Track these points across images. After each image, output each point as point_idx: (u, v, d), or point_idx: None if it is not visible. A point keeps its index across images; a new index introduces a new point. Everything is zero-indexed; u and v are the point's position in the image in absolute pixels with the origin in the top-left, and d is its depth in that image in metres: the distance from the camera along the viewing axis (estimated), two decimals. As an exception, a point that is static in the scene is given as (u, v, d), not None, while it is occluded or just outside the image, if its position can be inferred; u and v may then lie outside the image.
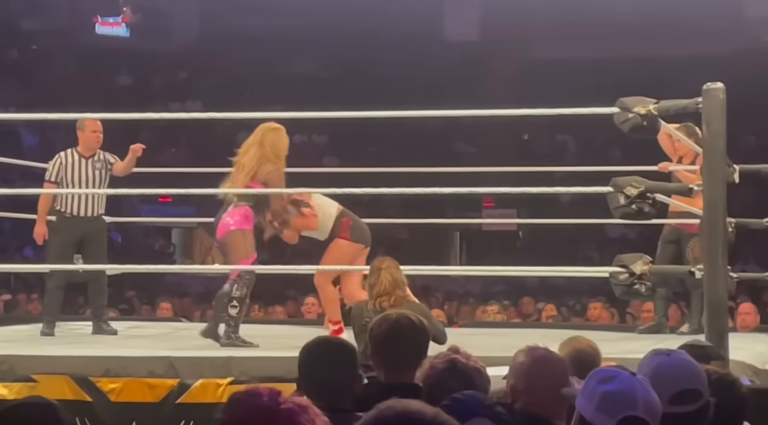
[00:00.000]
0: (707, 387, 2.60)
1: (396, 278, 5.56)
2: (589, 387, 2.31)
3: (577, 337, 4.24)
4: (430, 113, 8.18)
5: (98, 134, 7.07)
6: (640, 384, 2.30)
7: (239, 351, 5.74)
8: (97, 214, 7.08)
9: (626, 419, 2.23)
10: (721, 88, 5.09)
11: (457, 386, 2.84)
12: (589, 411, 2.26)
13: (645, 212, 5.39)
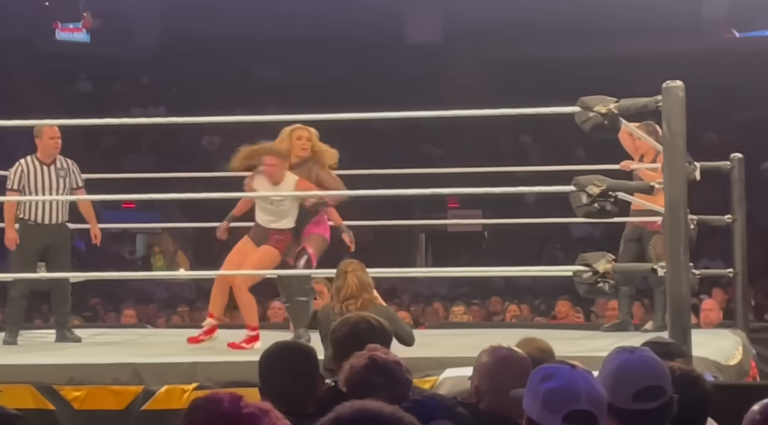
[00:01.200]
0: (671, 384, 2.62)
1: (362, 281, 5.56)
2: (533, 386, 2.31)
3: (527, 340, 4.20)
4: (393, 114, 8.19)
5: (56, 141, 7.02)
6: (582, 377, 2.30)
7: (204, 357, 5.71)
8: (60, 221, 7.03)
9: (571, 413, 2.24)
10: (681, 87, 5.13)
11: (380, 381, 2.83)
12: (535, 411, 2.27)
13: (607, 211, 5.42)
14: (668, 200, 5.17)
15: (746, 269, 7.68)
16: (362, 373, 2.89)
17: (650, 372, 2.59)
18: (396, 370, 2.86)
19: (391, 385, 2.82)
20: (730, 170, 7.62)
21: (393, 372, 2.86)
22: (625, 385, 2.54)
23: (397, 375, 2.86)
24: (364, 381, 2.86)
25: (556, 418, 2.23)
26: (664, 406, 2.57)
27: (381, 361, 2.91)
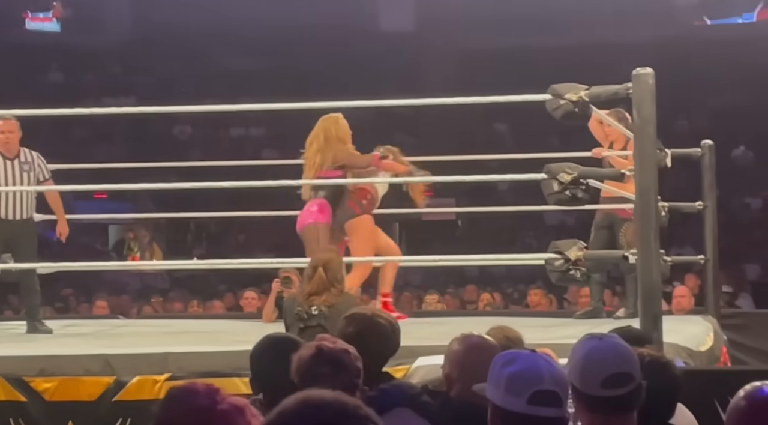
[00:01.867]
0: (639, 370, 2.62)
1: (332, 277, 5.48)
2: (495, 373, 2.31)
3: (495, 328, 4.20)
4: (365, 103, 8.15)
5: (6, 135, 6.85)
6: (543, 359, 2.31)
7: (177, 347, 5.68)
8: (26, 216, 6.88)
9: (536, 394, 2.24)
10: (651, 74, 5.13)
11: (327, 369, 2.84)
12: (499, 397, 2.27)
13: (578, 198, 5.43)
14: (639, 187, 5.18)
15: (717, 255, 7.72)
16: (309, 363, 2.89)
17: (618, 358, 2.60)
18: (343, 358, 2.86)
19: (338, 373, 2.83)
20: (700, 157, 7.65)
21: (340, 361, 2.86)
22: (594, 372, 2.54)
23: (344, 363, 2.85)
24: (312, 371, 2.87)
25: (521, 401, 2.23)
26: (633, 393, 2.58)
27: (327, 350, 2.90)
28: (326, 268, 5.50)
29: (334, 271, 5.52)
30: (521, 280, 13.28)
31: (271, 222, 15.74)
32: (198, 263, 10.01)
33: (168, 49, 19.69)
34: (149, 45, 19.97)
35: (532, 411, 2.23)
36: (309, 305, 5.33)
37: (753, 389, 2.38)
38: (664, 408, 2.99)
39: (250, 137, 19.68)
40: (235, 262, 9.50)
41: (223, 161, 8.97)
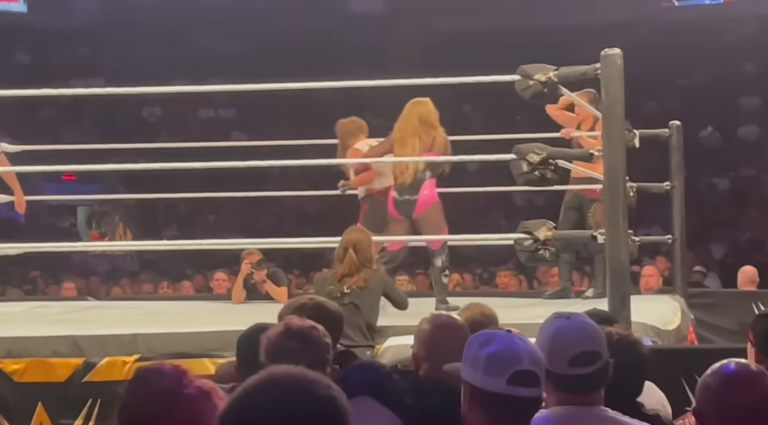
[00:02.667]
0: (606, 349, 2.64)
1: (363, 257, 5.76)
2: (471, 353, 2.30)
3: (470, 306, 4.26)
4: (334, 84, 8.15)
5: None
6: (519, 338, 2.32)
7: (146, 328, 5.67)
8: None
9: (516, 374, 2.25)
10: (619, 54, 5.15)
11: (295, 345, 2.87)
12: (477, 378, 2.27)
13: (547, 179, 5.46)
14: (607, 167, 5.21)
15: (684, 235, 7.77)
16: (277, 340, 2.92)
17: (586, 337, 2.61)
18: (312, 334, 2.89)
19: (307, 349, 2.85)
20: (668, 138, 7.69)
21: (308, 337, 2.88)
22: (561, 351, 2.56)
23: (313, 339, 2.88)
24: (281, 347, 2.89)
25: (501, 381, 2.24)
26: (600, 371, 2.60)
27: (296, 327, 2.93)
28: (356, 249, 5.76)
29: (364, 251, 5.78)
30: (491, 261, 13.33)
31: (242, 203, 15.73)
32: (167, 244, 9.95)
33: (137, 30, 19.54)
34: (118, 26, 19.81)
35: (511, 391, 2.24)
36: (342, 285, 5.61)
37: (720, 366, 2.41)
38: (632, 385, 3.02)
39: (220, 119, 19.60)
40: (204, 243, 9.48)
41: (193, 143, 8.94)
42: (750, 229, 16.66)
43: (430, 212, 6.74)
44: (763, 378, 2.38)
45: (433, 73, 6.31)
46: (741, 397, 2.34)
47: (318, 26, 19.43)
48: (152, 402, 1.95)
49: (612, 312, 4.94)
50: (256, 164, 6.77)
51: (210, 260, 12.29)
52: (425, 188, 6.75)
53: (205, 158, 7.02)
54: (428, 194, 6.75)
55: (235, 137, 16.37)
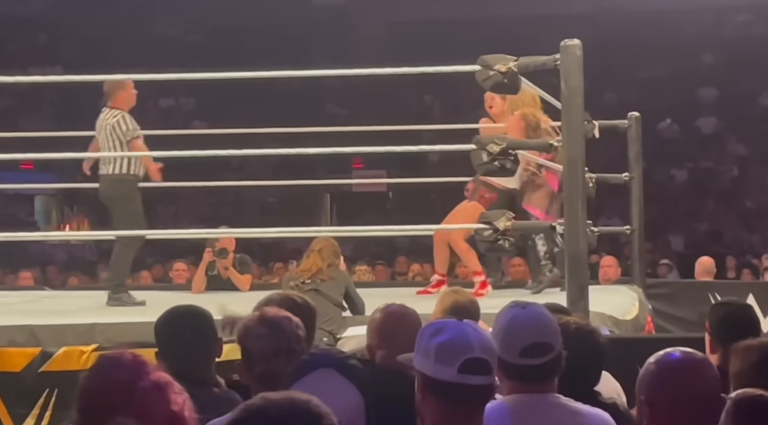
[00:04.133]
0: (560, 341, 2.64)
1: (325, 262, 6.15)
2: (423, 343, 2.31)
3: (458, 289, 4.31)
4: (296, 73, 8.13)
5: None
6: (470, 327, 2.32)
7: (103, 318, 5.64)
8: None
9: (466, 362, 2.25)
10: (578, 45, 5.17)
11: (264, 331, 2.90)
12: (429, 367, 2.27)
13: (507, 169, 5.48)
14: (566, 158, 5.22)
15: (642, 226, 7.83)
16: (249, 325, 2.94)
17: (539, 328, 2.61)
18: (282, 323, 2.91)
19: (275, 335, 2.87)
20: (627, 129, 7.74)
21: (278, 324, 2.90)
22: (514, 340, 2.56)
23: (282, 327, 2.90)
24: (251, 332, 2.91)
25: (452, 370, 2.24)
26: (551, 362, 2.60)
27: (270, 315, 2.95)
28: (322, 252, 6.19)
29: (330, 255, 6.20)
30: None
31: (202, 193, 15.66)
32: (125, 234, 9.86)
33: (96, 16, 19.38)
34: (76, 13, 19.64)
35: (462, 379, 2.24)
36: (304, 277, 6.05)
37: (664, 354, 2.42)
38: (590, 375, 3.04)
39: (180, 108, 19.49)
40: (163, 233, 9.42)
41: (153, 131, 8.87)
42: (708, 220, 16.81)
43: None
44: (706, 367, 2.39)
45: (394, 64, 6.30)
46: (685, 385, 2.35)
47: (280, 16, 19.36)
48: (107, 392, 1.96)
49: (570, 302, 4.97)
50: (217, 153, 6.74)
51: (170, 250, 12.24)
52: None
53: (165, 147, 6.98)
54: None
55: (196, 125, 16.29)
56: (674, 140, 18.24)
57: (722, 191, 17.61)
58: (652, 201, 12.46)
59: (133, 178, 6.80)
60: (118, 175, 6.77)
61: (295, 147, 7.38)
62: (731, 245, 15.55)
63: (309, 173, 13.69)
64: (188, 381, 2.83)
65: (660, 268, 11.96)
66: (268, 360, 2.84)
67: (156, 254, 13.00)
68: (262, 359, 2.85)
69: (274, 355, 2.84)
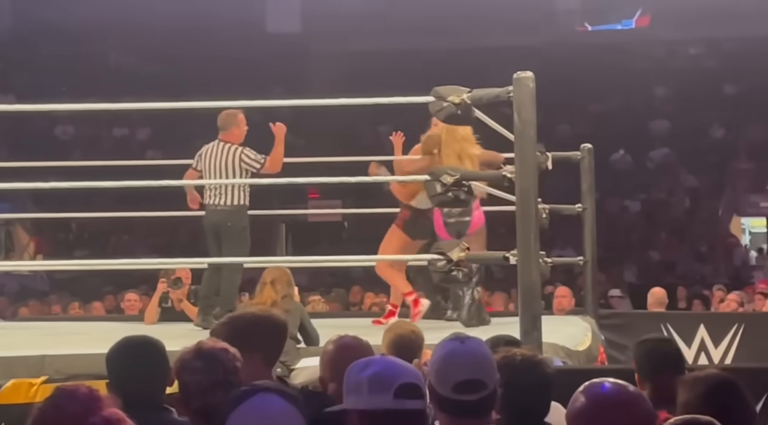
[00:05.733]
0: (495, 378, 2.62)
1: (280, 293, 6.06)
2: (352, 380, 2.31)
3: (399, 322, 4.32)
4: (251, 103, 8.14)
5: None
6: (394, 359, 2.33)
7: (54, 350, 5.57)
8: None
9: (401, 386, 2.26)
10: (531, 77, 5.21)
11: (200, 364, 2.87)
12: (363, 401, 2.27)
13: (461, 200, 5.50)
14: (519, 189, 5.25)
15: (595, 257, 7.88)
16: (185, 358, 2.92)
17: (474, 364, 2.58)
18: (219, 355, 2.89)
19: (211, 368, 2.84)
20: (580, 160, 7.80)
21: (214, 356, 2.88)
22: (448, 375, 2.55)
23: (219, 359, 2.88)
24: (187, 365, 2.89)
25: (387, 396, 2.24)
26: (484, 400, 2.58)
27: (206, 348, 2.93)
28: (275, 283, 6.09)
29: (283, 286, 6.09)
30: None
31: (156, 223, 15.55)
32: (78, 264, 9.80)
33: (49, 46, 19.28)
34: (29, 42, 19.52)
35: (399, 404, 2.24)
36: None
37: (592, 385, 2.39)
38: (538, 405, 3.04)
39: (135, 138, 19.40)
40: (116, 263, 9.35)
41: (106, 161, 8.83)
42: (660, 251, 16.96)
43: (480, 232, 7.02)
44: (638, 403, 2.36)
45: (350, 94, 6.33)
46: (611, 420, 2.32)
47: (236, 46, 19.36)
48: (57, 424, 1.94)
49: (523, 333, 4.98)
50: (171, 184, 6.71)
51: (123, 281, 12.14)
52: (477, 208, 7.01)
53: (120, 177, 6.94)
54: (478, 215, 7.04)
55: (151, 155, 16.20)
56: (627, 172, 18.41)
57: (674, 222, 17.79)
58: (605, 232, 12.56)
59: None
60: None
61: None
62: (683, 275, 15.70)
63: (264, 203, 13.65)
64: (141, 410, 2.82)
65: (612, 300, 12.05)
66: (205, 393, 2.82)
67: (109, 285, 12.89)
68: (198, 393, 2.83)
69: (210, 389, 2.82)
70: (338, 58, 20.00)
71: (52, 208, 11.60)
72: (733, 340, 7.96)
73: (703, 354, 7.95)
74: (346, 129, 18.05)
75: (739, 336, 7.93)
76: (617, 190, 17.59)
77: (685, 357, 7.80)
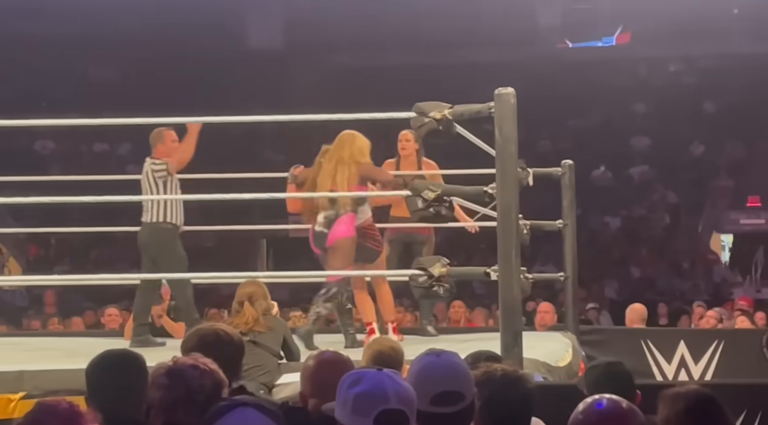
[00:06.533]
0: (472, 390, 2.63)
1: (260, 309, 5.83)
2: (342, 393, 2.31)
3: (379, 339, 4.33)
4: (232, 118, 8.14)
5: None
6: (389, 377, 2.32)
7: (33, 365, 5.54)
8: None
9: (382, 413, 2.25)
10: (512, 93, 5.22)
11: (167, 381, 2.87)
12: (346, 417, 2.27)
13: (442, 215, 5.50)
14: (500, 205, 5.26)
15: (576, 273, 7.89)
16: (154, 374, 2.92)
17: (451, 377, 2.60)
18: (185, 372, 2.87)
19: (174, 386, 2.84)
20: (561, 176, 7.81)
21: (180, 374, 2.86)
22: (425, 388, 2.55)
23: (184, 376, 2.86)
24: (154, 381, 2.89)
25: (367, 421, 2.24)
26: (462, 412, 2.58)
27: (175, 364, 2.92)
28: (252, 300, 5.84)
29: (261, 302, 5.86)
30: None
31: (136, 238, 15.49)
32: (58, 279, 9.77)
33: (28, 61, 19.22)
34: (8, 57, 19.46)
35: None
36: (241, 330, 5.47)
37: (589, 404, 2.43)
38: (519, 421, 3.03)
39: (115, 153, 19.35)
40: (96, 278, 9.32)
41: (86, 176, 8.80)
42: (641, 267, 17.01)
43: (339, 245, 6.72)
44: (634, 415, 2.41)
45: (331, 109, 6.33)
46: None
47: (218, 61, 19.36)
48: None
49: (504, 349, 4.99)
50: (151, 198, 6.69)
51: (102, 296, 12.08)
52: (342, 222, 6.72)
53: (100, 192, 6.91)
54: (339, 227, 6.72)
55: (131, 170, 16.16)
56: (608, 188, 18.47)
57: (655, 238, 17.85)
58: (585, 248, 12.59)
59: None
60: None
61: (232, 192, 7.36)
62: (663, 292, 15.74)
63: (245, 219, 13.64)
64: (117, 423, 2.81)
65: (588, 312, 12.06)
66: (167, 410, 2.80)
67: (89, 300, 12.83)
68: (162, 409, 2.82)
69: (172, 406, 2.80)
70: (320, 73, 20.02)
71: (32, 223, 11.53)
72: (713, 356, 7.97)
73: (683, 370, 7.97)
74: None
75: (719, 353, 7.95)
76: (598, 206, 17.65)
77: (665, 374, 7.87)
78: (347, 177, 6.74)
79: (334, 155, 6.89)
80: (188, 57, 19.16)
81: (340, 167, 6.78)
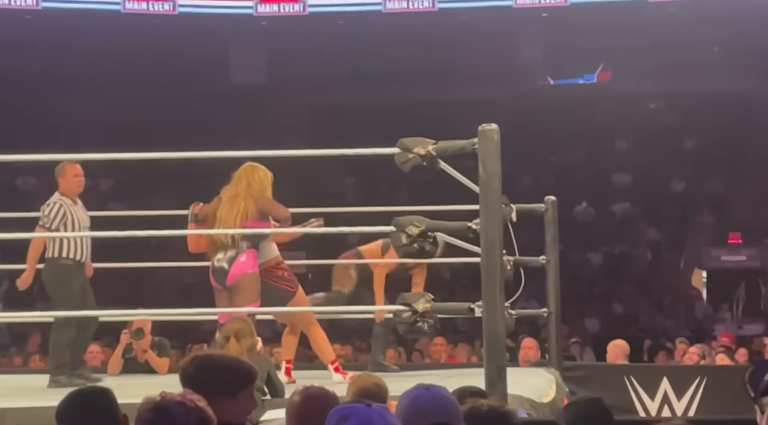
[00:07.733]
0: (461, 423, 2.63)
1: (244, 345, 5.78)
2: None
3: (363, 375, 4.32)
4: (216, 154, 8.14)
5: None
6: (377, 413, 2.31)
7: (14, 402, 5.50)
8: None
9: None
10: (496, 130, 5.26)
11: (152, 417, 2.86)
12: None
13: (426, 251, 5.51)
14: (484, 241, 5.27)
15: (559, 309, 7.90)
16: (141, 408, 2.90)
17: (440, 409, 2.60)
18: (170, 409, 2.86)
19: (157, 422, 2.83)
20: (544, 212, 7.84)
21: (165, 411, 2.85)
22: (415, 421, 2.55)
23: (168, 413, 2.85)
24: (140, 416, 2.88)
25: None
26: None
27: (164, 399, 2.90)
28: (238, 337, 5.79)
29: (246, 338, 5.82)
30: (371, 332, 13.32)
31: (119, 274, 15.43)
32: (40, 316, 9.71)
33: (11, 96, 19.20)
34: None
35: None
36: None
37: None
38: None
39: (98, 189, 19.30)
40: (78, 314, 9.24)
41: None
42: (623, 303, 17.04)
43: (242, 282, 6.59)
44: None
45: (315, 146, 6.35)
46: None
47: (200, 98, 19.40)
48: None
49: (488, 384, 4.98)
50: (134, 235, 6.67)
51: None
52: (240, 256, 6.60)
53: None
54: (240, 265, 6.58)
55: (113, 207, 16.12)
56: (590, 224, 18.53)
57: (637, 274, 17.90)
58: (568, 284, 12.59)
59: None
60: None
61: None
62: (646, 328, 15.76)
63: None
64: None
65: (572, 347, 12.06)
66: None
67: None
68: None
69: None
70: (303, 109, 20.07)
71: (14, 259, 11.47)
72: (696, 393, 7.98)
73: (666, 406, 7.97)
74: (311, 180, 18.06)
75: (702, 389, 7.96)
76: (580, 242, 17.69)
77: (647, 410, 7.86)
78: (242, 212, 6.60)
79: (232, 189, 6.74)
80: (172, 93, 19.19)
81: (236, 201, 6.65)
